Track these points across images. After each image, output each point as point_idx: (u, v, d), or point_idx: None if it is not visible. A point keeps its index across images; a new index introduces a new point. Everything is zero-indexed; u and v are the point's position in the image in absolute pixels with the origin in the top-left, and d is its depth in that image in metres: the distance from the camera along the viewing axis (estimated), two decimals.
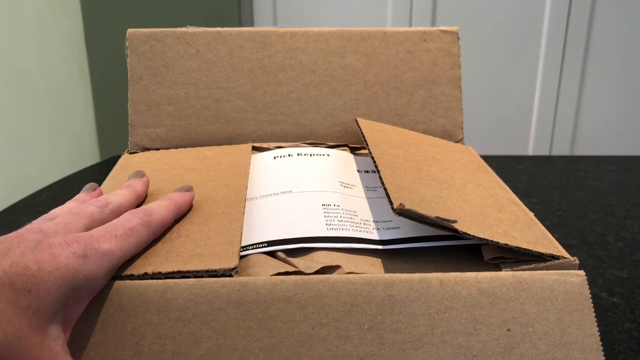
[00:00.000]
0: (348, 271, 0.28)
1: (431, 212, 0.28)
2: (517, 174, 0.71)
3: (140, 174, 0.35)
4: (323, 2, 1.30)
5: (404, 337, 0.26)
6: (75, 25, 1.22)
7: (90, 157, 1.29)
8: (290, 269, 0.28)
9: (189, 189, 0.34)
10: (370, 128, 0.41)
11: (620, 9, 1.26)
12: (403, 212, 0.28)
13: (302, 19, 1.31)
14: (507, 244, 0.28)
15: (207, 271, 0.27)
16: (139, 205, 0.33)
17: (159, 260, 0.27)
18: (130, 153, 0.44)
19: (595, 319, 0.27)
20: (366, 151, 0.44)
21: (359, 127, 0.41)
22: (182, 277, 0.26)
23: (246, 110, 0.45)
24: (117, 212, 0.30)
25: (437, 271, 0.27)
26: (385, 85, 0.46)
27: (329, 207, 0.34)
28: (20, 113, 1.04)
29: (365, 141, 0.38)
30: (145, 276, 0.26)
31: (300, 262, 0.29)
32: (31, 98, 1.07)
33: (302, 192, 0.35)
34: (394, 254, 0.31)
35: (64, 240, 0.24)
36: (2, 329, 0.20)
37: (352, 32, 0.47)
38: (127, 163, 0.41)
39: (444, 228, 0.29)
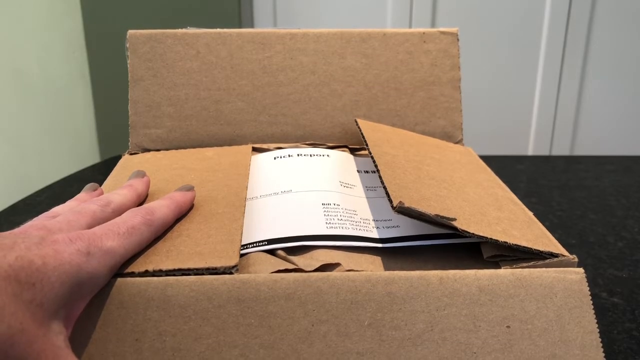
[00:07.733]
0: (348, 269, 0.28)
1: (430, 210, 0.28)
2: (517, 174, 0.72)
3: (140, 174, 0.35)
4: (323, 3, 1.30)
5: (404, 334, 0.26)
6: (75, 26, 1.22)
7: (90, 157, 1.29)
8: (290, 266, 0.28)
9: (190, 188, 0.34)
10: (370, 129, 0.42)
11: (620, 9, 1.27)
12: (403, 210, 0.28)
13: (302, 20, 1.32)
14: (506, 242, 0.28)
15: (207, 269, 0.27)
16: (139, 205, 0.33)
17: (160, 258, 0.28)
18: (131, 154, 0.44)
19: (595, 316, 0.27)
20: (366, 152, 0.44)
21: (358, 127, 0.41)
22: (183, 274, 0.27)
23: (246, 112, 0.46)
24: (119, 212, 0.30)
25: (436, 269, 0.27)
26: (385, 87, 0.46)
27: (329, 206, 0.34)
28: (20, 113, 1.04)
29: (365, 141, 0.38)
30: (146, 274, 0.27)
31: (300, 260, 0.29)
32: (31, 98, 1.07)
33: (302, 192, 0.36)
34: (394, 252, 0.31)
35: (68, 237, 0.24)
36: (6, 321, 0.20)
37: (352, 33, 0.47)
38: (127, 164, 0.41)
39: (444, 226, 0.29)
